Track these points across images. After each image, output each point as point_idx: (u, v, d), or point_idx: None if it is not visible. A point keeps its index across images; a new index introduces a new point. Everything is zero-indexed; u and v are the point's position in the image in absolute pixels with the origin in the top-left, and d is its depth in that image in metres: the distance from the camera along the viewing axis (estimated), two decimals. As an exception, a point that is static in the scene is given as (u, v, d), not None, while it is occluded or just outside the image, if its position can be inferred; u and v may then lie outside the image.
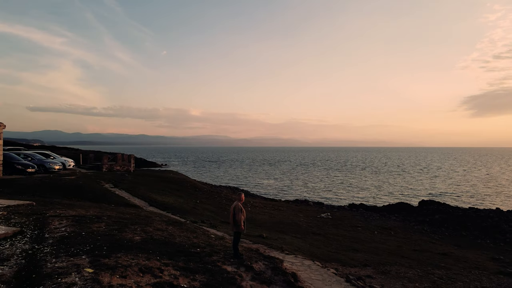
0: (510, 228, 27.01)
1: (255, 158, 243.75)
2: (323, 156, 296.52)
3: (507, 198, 61.12)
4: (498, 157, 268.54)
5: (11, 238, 8.57)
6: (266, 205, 31.18)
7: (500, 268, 17.89)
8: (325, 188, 73.32)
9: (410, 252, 19.21)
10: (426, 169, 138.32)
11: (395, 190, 73.53)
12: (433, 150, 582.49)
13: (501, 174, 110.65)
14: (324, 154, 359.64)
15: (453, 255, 19.55)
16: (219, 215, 22.55)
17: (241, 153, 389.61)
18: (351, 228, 24.69)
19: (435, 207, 36.52)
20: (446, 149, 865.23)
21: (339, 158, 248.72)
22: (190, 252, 9.06)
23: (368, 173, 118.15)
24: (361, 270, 13.48)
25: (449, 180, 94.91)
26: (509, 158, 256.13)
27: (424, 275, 14.46)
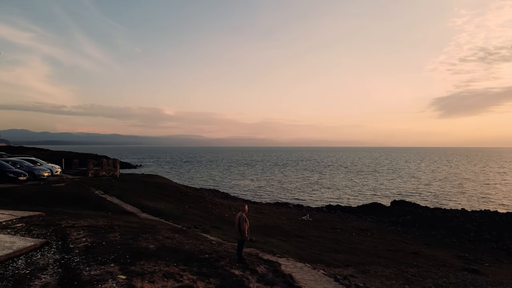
0: (474, 227, 29.38)
1: (231, 158, 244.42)
2: (297, 156, 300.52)
3: (470, 197, 64.89)
4: (463, 157, 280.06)
5: (40, 249, 9.48)
6: (250, 208, 32.42)
7: (464, 265, 19.87)
8: (300, 188, 75.25)
9: (386, 252, 20.98)
10: (397, 169, 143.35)
11: (368, 190, 76.43)
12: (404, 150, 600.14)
13: (465, 174, 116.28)
14: (298, 154, 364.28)
15: (423, 254, 21.46)
16: (207, 220, 23.65)
17: (216, 153, 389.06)
18: (331, 230, 26.34)
19: (406, 208, 38.77)
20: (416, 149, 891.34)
21: (313, 158, 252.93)
22: (200, 258, 10.24)
23: (341, 173, 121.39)
24: (344, 270, 14.99)
25: (418, 180, 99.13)
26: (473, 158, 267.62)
27: (399, 273, 16.13)
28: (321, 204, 52.99)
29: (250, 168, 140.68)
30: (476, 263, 20.80)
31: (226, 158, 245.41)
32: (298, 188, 76.16)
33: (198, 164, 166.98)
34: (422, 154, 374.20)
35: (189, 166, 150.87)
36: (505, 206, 52.55)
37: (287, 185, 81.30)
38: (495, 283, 16.85)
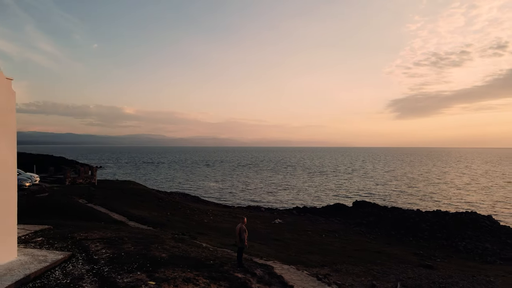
0: (427, 227, 32.72)
1: (194, 159, 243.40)
2: (262, 156, 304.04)
3: (423, 196, 70.18)
4: (417, 157, 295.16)
5: (69, 261, 10.80)
6: (224, 213, 34.15)
7: (420, 261, 22.71)
8: (266, 190, 77.60)
9: (353, 252, 23.45)
10: (356, 169, 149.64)
11: (330, 190, 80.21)
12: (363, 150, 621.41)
13: (418, 174, 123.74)
14: (263, 154, 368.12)
15: (385, 252, 24.15)
16: (190, 226, 25.12)
17: (179, 153, 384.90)
18: (303, 232, 28.61)
19: (369, 210, 41.80)
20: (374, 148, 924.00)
21: (277, 159, 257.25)
22: (206, 264, 11.95)
23: (305, 174, 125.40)
24: (321, 270, 17.12)
25: (375, 180, 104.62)
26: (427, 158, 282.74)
27: (366, 270, 18.52)
28: (288, 206, 55.51)
29: (214, 169, 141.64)
30: (430, 259, 23.71)
31: (189, 158, 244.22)
32: (264, 189, 78.44)
33: (160, 165, 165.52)
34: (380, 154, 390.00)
35: (151, 168, 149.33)
36: (452, 205, 57.37)
37: (252, 187, 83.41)
38: (445, 276, 19.61)
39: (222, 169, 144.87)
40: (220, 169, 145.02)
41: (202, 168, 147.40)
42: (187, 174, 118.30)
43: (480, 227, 32.14)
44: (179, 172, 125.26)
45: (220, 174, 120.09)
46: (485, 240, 29.13)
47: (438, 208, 54.13)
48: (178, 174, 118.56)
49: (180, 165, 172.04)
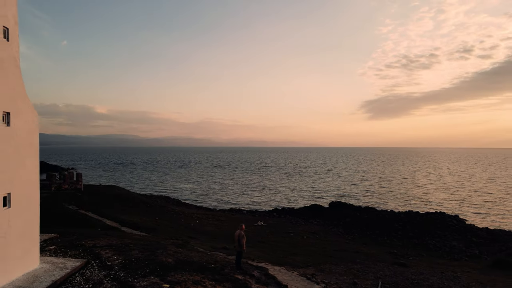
0: (400, 227, 34.93)
1: (169, 159, 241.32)
2: (237, 157, 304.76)
3: (394, 196, 73.49)
4: (389, 157, 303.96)
5: (86, 267, 11.75)
6: (208, 216, 35.23)
7: (395, 260, 24.58)
8: (243, 191, 78.88)
9: (333, 252, 25.11)
10: (331, 169, 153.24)
11: (306, 191, 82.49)
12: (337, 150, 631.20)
13: (389, 173, 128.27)
14: (238, 155, 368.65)
15: (363, 252, 25.95)
16: (179, 230, 26.13)
17: (153, 154, 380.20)
18: (285, 234, 30.11)
19: (345, 212, 43.73)
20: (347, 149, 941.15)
21: (253, 159, 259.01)
22: (209, 268, 13.16)
23: (281, 174, 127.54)
24: (306, 270, 18.59)
25: (350, 180, 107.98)
26: (398, 158, 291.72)
27: (347, 269, 20.15)
28: (266, 207, 57.05)
29: (189, 170, 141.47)
30: (403, 258, 25.67)
31: (164, 159, 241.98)
32: (241, 191, 79.69)
33: (133, 167, 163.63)
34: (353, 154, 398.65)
35: (124, 169, 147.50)
36: (422, 205, 60.43)
37: (229, 188, 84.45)
38: (417, 273, 21.50)
39: (197, 170, 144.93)
40: (195, 170, 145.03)
41: (177, 169, 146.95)
42: (162, 175, 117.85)
43: (447, 226, 34.62)
44: (154, 174, 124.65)
45: (196, 175, 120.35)
46: (453, 238, 31.52)
47: (409, 208, 57.11)
48: (153, 175, 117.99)
49: (154, 166, 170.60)
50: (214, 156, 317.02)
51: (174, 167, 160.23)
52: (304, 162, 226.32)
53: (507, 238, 32.61)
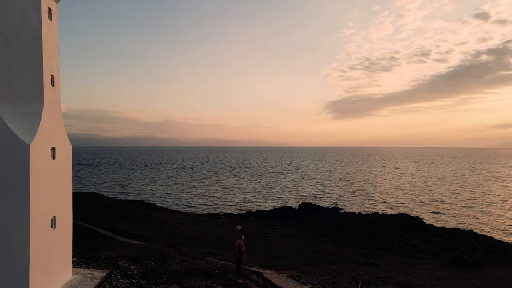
0: (368, 228, 38.06)
1: (134, 160, 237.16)
2: (204, 157, 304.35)
3: (360, 196, 77.72)
4: (353, 157, 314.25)
5: (110, 277, 13.40)
6: (188, 221, 36.86)
7: (365, 260, 27.34)
8: (212, 193, 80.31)
9: (311, 254, 27.57)
10: (297, 169, 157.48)
11: (276, 192, 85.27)
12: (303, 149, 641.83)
13: (353, 173, 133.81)
14: (204, 155, 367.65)
15: (337, 253, 28.59)
16: (168, 237, 27.71)
17: (116, 154, 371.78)
18: (264, 238, 32.33)
19: (317, 214, 46.51)
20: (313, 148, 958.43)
21: (219, 159, 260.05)
22: (214, 274, 15.12)
23: (249, 175, 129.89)
24: (291, 272, 20.84)
25: (317, 180, 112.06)
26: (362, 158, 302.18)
27: (325, 270, 22.59)
28: (239, 210, 58.99)
29: (156, 172, 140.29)
30: (372, 257, 28.52)
31: (129, 160, 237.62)
32: (210, 192, 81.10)
33: (98, 167, 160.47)
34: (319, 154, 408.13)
35: (90, 170, 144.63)
36: (386, 205, 64.51)
37: (198, 190, 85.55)
38: (385, 271, 24.30)
39: (164, 171, 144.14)
40: (162, 171, 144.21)
41: (143, 170, 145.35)
42: (129, 177, 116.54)
43: (410, 227, 38.10)
44: (119, 175, 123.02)
45: (163, 176, 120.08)
46: (414, 238, 34.92)
47: (373, 208, 61.18)
48: (119, 177, 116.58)
49: (118, 167, 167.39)
50: (180, 157, 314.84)
51: (139, 168, 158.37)
52: (271, 162, 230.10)
53: (460, 236, 36.43)
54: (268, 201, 72.41)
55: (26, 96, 10.22)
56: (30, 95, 10.30)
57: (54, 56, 11.28)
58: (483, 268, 26.14)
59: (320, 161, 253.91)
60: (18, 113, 10.00)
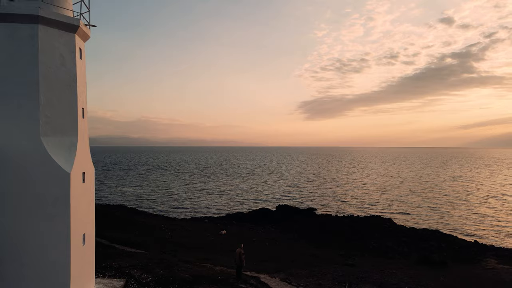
0: (345, 230, 40.50)
1: (106, 161, 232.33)
2: (178, 157, 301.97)
3: (333, 197, 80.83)
4: (326, 157, 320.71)
5: (126, 285, 14.80)
6: (175, 227, 38.02)
7: (344, 261, 29.66)
8: (189, 195, 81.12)
9: (295, 257, 29.59)
10: (272, 170, 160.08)
11: (251, 193, 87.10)
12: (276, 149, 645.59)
13: (329, 174, 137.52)
14: (177, 155, 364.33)
15: (318, 255, 30.76)
16: (160, 244, 28.86)
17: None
18: (249, 242, 34.03)
19: (293, 215, 48.59)
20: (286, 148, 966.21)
21: (194, 160, 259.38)
22: (218, 279, 16.77)
23: (224, 176, 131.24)
24: (280, 275, 22.73)
25: (291, 181, 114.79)
26: (334, 157, 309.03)
27: (311, 272, 24.65)
28: (216, 212, 60.20)
29: (129, 173, 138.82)
30: (350, 259, 30.85)
31: (100, 161, 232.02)
32: (187, 195, 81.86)
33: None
34: (292, 154, 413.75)
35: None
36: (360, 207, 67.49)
37: (174, 192, 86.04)
38: (363, 271, 26.61)
39: (137, 172, 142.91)
40: (135, 172, 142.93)
41: (116, 171, 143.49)
42: (102, 179, 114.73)
43: (383, 228, 40.93)
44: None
45: (136, 178, 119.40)
46: (387, 239, 37.60)
47: (347, 209, 64.28)
48: None
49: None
50: (153, 157, 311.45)
51: (111, 169, 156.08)
52: (245, 162, 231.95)
53: (428, 236, 39.44)
54: (244, 203, 74.03)
55: (64, 129, 11.55)
56: (67, 128, 11.64)
57: (84, 90, 12.64)
58: (448, 266, 28.96)
59: (293, 161, 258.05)
60: (58, 145, 11.33)
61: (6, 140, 10.74)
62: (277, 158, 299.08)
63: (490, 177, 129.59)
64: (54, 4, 11.51)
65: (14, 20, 10.78)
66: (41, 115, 10.95)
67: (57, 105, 11.43)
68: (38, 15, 10.79)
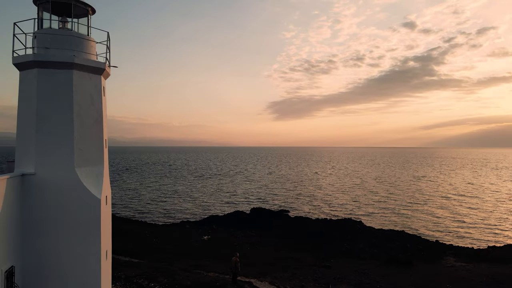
0: (320, 233, 43.14)
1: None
2: (145, 158, 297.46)
3: (304, 198, 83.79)
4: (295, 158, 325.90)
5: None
6: (158, 233, 39.37)
7: (321, 263, 32.13)
8: (160, 199, 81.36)
9: (276, 260, 31.78)
10: (242, 171, 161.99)
11: (224, 196, 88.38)
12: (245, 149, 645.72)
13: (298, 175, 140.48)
14: (145, 155, 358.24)
15: (297, 258, 33.09)
16: (150, 251, 30.26)
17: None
18: (232, 246, 35.95)
19: (272, 220, 50.79)
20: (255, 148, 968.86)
21: (162, 161, 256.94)
22: (217, 286, 18.64)
23: (193, 177, 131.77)
24: (266, 279, 24.82)
25: (262, 183, 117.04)
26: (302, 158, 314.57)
27: (292, 275, 26.90)
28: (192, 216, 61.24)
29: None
30: (326, 261, 33.38)
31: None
32: (159, 198, 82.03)
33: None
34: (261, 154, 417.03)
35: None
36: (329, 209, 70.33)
37: (146, 195, 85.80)
38: (339, 273, 29.19)
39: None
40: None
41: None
42: None
43: (355, 230, 43.91)
44: None
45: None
46: (359, 241, 40.53)
47: (318, 210, 67.26)
48: None
49: None
50: (120, 157, 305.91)
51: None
52: (215, 163, 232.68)
53: (394, 237, 42.72)
54: (217, 206, 74.85)
55: (93, 160, 13.13)
56: (95, 159, 13.23)
57: (106, 122, 14.22)
58: (414, 265, 32.08)
59: (262, 161, 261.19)
60: (89, 174, 12.89)
61: (46, 171, 12.25)
62: (246, 159, 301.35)
63: (449, 177, 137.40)
64: (84, 51, 13.08)
65: (52, 66, 12.30)
66: (75, 148, 12.53)
67: (88, 139, 13.02)
68: (73, 62, 12.36)
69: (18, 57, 12.42)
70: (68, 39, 12.76)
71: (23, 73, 12.55)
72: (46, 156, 12.27)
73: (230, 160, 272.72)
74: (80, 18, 13.79)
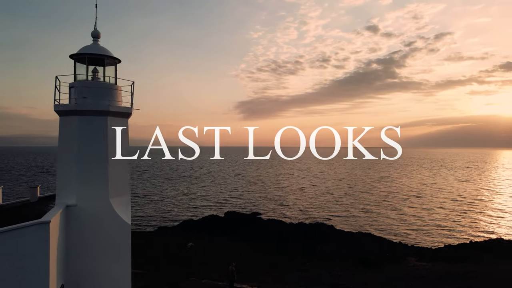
0: (295, 237, 46.22)
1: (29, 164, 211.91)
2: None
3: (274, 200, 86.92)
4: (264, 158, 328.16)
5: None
6: (142, 240, 40.83)
7: (297, 267, 35.04)
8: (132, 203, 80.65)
9: (259, 265, 34.44)
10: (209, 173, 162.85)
11: (194, 199, 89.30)
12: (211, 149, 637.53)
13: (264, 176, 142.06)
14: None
15: (277, 262, 35.87)
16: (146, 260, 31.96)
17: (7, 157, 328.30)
18: (216, 252, 38.24)
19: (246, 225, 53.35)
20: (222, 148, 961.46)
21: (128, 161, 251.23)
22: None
23: (161, 179, 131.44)
24: (253, 283, 27.40)
25: (231, 185, 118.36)
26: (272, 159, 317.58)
27: (274, 279, 29.66)
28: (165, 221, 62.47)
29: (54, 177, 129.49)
30: (303, 264, 36.37)
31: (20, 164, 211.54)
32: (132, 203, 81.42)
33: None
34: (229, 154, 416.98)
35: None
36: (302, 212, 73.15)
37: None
38: (316, 275, 32.18)
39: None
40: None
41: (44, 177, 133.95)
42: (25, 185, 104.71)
43: (326, 234, 47.35)
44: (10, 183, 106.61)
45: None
46: (331, 244, 43.96)
47: (288, 213, 70.57)
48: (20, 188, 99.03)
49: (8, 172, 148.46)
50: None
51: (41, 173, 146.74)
52: (183, 164, 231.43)
53: (363, 239, 46.50)
54: (190, 210, 75.00)
55: (122, 191, 15.48)
56: (123, 189, 15.60)
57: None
58: (380, 266, 35.63)
59: (230, 162, 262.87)
60: (120, 203, 15.18)
61: (85, 202, 14.48)
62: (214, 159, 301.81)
63: (409, 178, 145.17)
64: (114, 99, 15.34)
65: (90, 114, 14.49)
66: (109, 182, 14.79)
67: (118, 173, 15.30)
68: (108, 110, 14.61)
69: (60, 105, 14.56)
70: (102, 90, 15.02)
71: (63, 119, 14.68)
72: (85, 190, 14.46)
73: (197, 161, 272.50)
74: (107, 66, 15.95)
